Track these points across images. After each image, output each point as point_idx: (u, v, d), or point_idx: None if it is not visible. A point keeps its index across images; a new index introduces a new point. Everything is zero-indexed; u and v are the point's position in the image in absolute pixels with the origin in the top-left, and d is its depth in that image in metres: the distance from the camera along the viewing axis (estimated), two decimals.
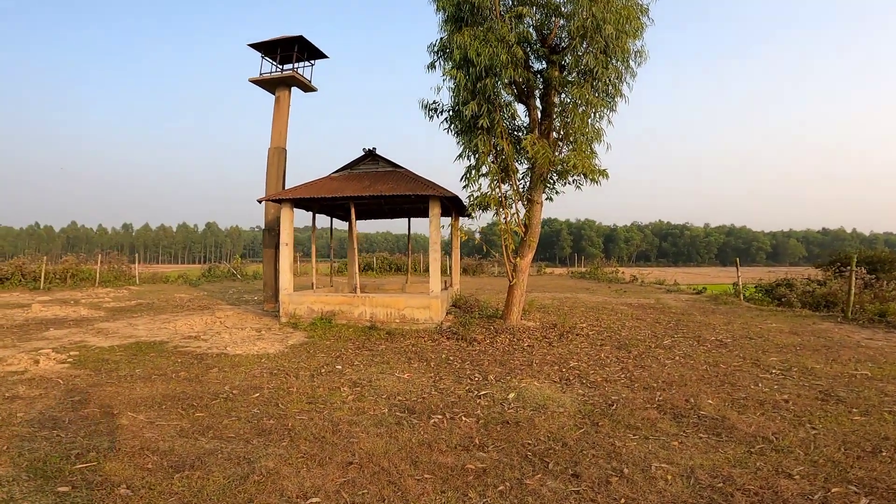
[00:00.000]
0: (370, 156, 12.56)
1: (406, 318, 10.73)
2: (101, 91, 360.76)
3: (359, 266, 17.05)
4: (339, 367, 7.30)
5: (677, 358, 7.83)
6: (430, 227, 10.93)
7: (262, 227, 14.47)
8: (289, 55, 14.94)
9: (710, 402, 5.50)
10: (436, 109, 10.33)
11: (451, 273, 15.26)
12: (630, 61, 9.46)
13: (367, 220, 16.94)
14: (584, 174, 9.44)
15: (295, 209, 11.75)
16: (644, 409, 5.27)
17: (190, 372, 6.57)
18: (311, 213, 13.47)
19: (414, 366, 7.50)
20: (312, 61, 15.65)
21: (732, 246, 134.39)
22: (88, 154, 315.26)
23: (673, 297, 18.26)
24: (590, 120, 9.35)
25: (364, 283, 16.45)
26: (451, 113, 10.17)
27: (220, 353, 7.95)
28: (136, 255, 33.61)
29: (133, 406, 5.00)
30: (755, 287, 17.42)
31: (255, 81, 14.98)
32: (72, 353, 7.39)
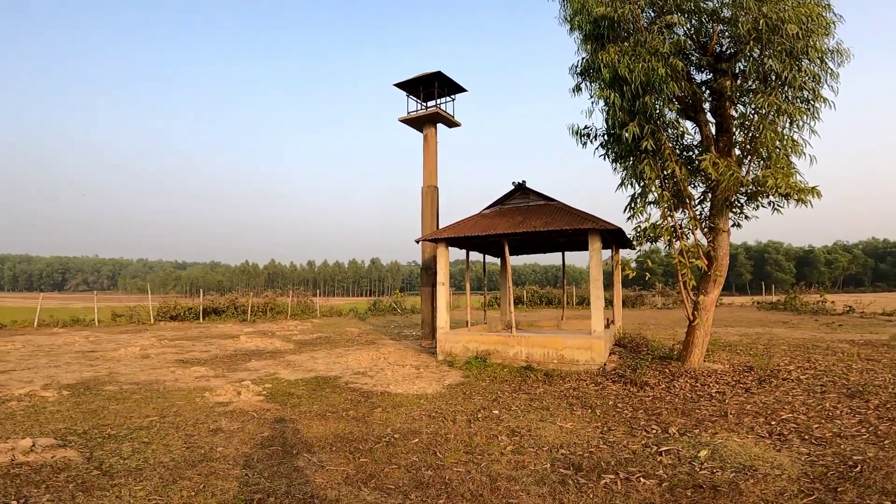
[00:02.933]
0: (520, 190, 12.35)
1: (565, 359, 9.99)
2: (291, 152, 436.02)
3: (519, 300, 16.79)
4: (496, 411, 6.97)
5: None
6: (591, 263, 10.16)
7: (417, 262, 15.19)
8: (430, 92, 15.47)
9: None
10: (588, 135, 9.65)
11: (612, 309, 14.03)
12: (827, 61, 7.85)
13: (518, 255, 16.69)
14: (785, 194, 7.87)
15: (450, 247, 12.03)
16: None
17: (357, 411, 6.86)
18: (464, 250, 13.70)
19: (577, 413, 6.82)
20: (453, 96, 16.01)
21: None
22: (281, 200, 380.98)
23: None
24: (784, 130, 7.91)
25: (517, 320, 16.11)
26: (605, 137, 9.43)
27: (384, 391, 8.24)
28: (318, 289, 38.46)
29: (308, 446, 5.29)
30: None
31: (404, 120, 15.66)
32: (266, 385, 8.37)
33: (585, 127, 9.64)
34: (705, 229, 9.01)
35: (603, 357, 9.88)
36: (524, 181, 12.30)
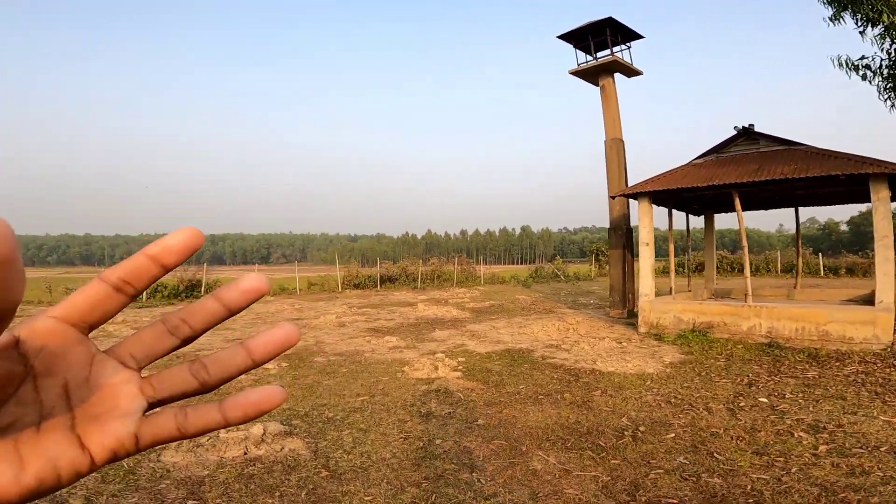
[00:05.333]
0: (745, 135, 9.91)
1: (830, 336, 7.59)
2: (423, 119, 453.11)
3: (704, 266, 14.01)
4: (763, 399, 5.38)
5: None
6: (876, 217, 7.63)
7: (568, 228, 13.67)
8: (602, 40, 13.77)
9: None
10: (868, 66, 7.66)
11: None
12: None
13: (724, 214, 13.83)
14: None
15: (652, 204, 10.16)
16: None
17: (573, 393, 5.80)
18: (664, 208, 11.61)
19: (893, 405, 4.91)
20: (628, 44, 14.10)
21: None
22: (433, 173, 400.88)
23: None
24: None
25: (723, 288, 13.47)
26: None
27: (592, 368, 7.05)
28: (471, 257, 38.81)
29: (536, 440, 4.38)
30: None
31: (575, 73, 14.25)
32: (459, 358, 7.84)
33: (862, 56, 7.71)
34: None
35: (890, 335, 7.22)
36: (752, 125, 9.80)
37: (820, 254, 32.16)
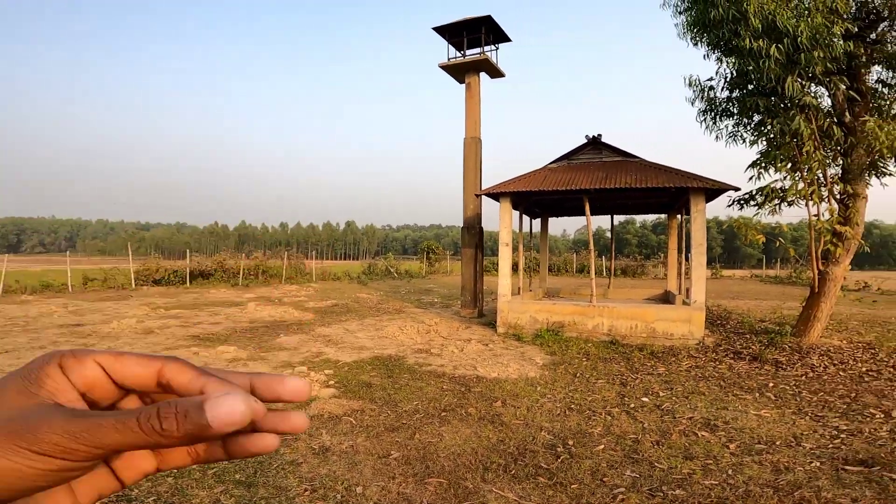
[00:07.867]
0: (592, 144, 10.87)
1: (657, 333, 8.72)
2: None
3: (526, 267, 15.38)
4: (644, 398, 5.73)
5: None
6: (694, 227, 8.81)
7: (391, 225, 13.72)
8: (475, 38, 13.89)
9: None
10: (712, 88, 8.81)
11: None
12: None
13: (555, 218, 15.26)
14: None
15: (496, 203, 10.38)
16: None
17: (475, 407, 5.33)
18: (515, 210, 12.13)
19: (747, 398, 5.68)
20: (497, 45, 14.48)
21: None
22: (249, 158, 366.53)
23: None
24: None
25: (552, 287, 14.85)
26: (736, 93, 8.62)
27: (476, 376, 6.73)
28: (310, 252, 36.21)
29: (474, 470, 3.76)
30: None
31: (445, 67, 14.01)
32: (325, 371, 6.71)
33: (710, 78, 8.80)
34: (844, 194, 8.15)
35: (702, 331, 8.64)
36: (599, 135, 10.81)
37: (603, 257, 38.68)
